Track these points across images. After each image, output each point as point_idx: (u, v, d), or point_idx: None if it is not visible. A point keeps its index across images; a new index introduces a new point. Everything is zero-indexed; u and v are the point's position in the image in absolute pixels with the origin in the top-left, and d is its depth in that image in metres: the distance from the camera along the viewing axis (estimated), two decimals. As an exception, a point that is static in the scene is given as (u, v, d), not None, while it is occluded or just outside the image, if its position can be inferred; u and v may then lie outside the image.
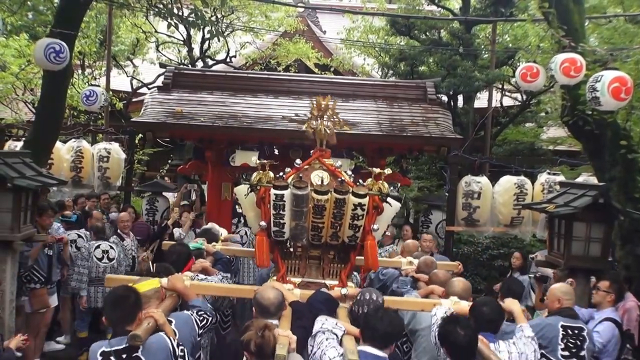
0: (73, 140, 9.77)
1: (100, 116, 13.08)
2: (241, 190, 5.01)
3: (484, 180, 9.27)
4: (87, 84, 11.86)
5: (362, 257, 4.91)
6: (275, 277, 4.92)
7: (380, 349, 3.48)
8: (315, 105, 4.92)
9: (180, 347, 3.58)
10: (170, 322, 3.72)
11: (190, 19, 7.78)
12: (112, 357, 3.36)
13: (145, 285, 3.86)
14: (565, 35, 6.28)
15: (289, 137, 8.86)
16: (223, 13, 14.32)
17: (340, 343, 3.59)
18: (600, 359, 4.98)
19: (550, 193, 8.28)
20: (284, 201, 4.46)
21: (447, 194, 10.09)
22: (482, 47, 14.03)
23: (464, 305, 4.25)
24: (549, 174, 9.16)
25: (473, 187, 9.17)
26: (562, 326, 4.54)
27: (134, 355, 3.39)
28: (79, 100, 10.48)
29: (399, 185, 11.49)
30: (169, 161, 15.65)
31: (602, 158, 6.67)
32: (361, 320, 3.78)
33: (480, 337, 3.63)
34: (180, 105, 9.05)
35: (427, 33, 13.64)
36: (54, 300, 7.17)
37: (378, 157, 9.75)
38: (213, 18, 12.91)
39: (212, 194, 9.97)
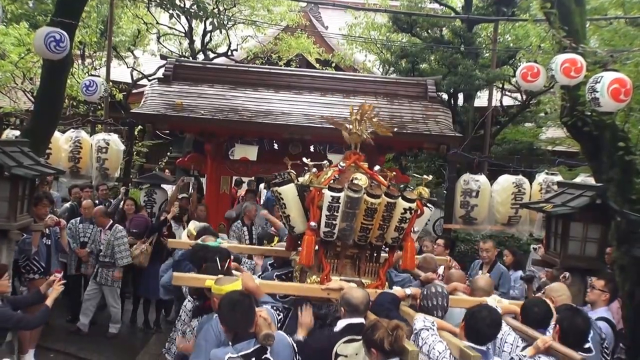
0: (72, 130, 9.75)
1: (99, 107, 13.06)
2: (288, 190, 4.89)
3: (482, 178, 9.28)
4: (87, 74, 11.83)
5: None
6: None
7: (482, 345, 3.67)
8: (356, 110, 5.00)
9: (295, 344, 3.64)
10: None
11: (192, 10, 7.77)
12: None
13: (233, 287, 3.84)
14: (566, 36, 6.28)
15: (288, 131, 8.85)
16: (225, 6, 14.32)
17: None
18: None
19: (548, 193, 8.30)
20: (339, 203, 4.49)
21: (445, 191, 10.09)
22: (484, 46, 14.03)
23: (506, 303, 4.56)
24: (547, 174, 9.18)
25: (471, 186, 9.19)
26: None
27: (263, 357, 3.42)
28: (78, 90, 10.48)
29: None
30: (168, 153, 15.65)
31: (600, 159, 6.66)
32: (435, 313, 4.17)
33: (549, 337, 3.88)
34: (181, 97, 9.04)
35: (429, 31, 13.64)
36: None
37: (377, 153, 9.75)
38: (215, 10, 12.92)
39: (211, 187, 9.98)
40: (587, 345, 4.48)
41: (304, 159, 4.94)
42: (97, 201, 9.28)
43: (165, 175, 11.61)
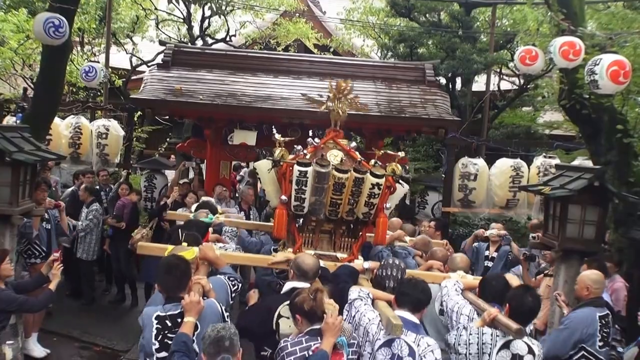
0: (72, 116, 9.76)
1: (99, 93, 13.06)
2: (262, 165, 5.21)
3: (480, 162, 9.33)
4: (86, 60, 11.82)
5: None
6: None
7: (413, 314, 3.78)
8: (334, 87, 5.09)
9: (227, 313, 3.82)
10: None
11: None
12: (167, 321, 3.57)
13: (186, 254, 4.01)
14: (565, 19, 6.30)
15: (287, 116, 8.87)
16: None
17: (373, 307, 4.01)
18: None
19: (546, 176, 8.33)
20: (307, 177, 4.68)
21: (443, 175, 10.14)
22: (482, 30, 14.01)
23: (470, 279, 4.74)
24: (545, 157, 9.21)
25: (470, 169, 9.23)
26: (599, 317, 4.69)
27: None
28: (78, 76, 10.49)
29: (407, 166, 11.56)
30: (168, 139, 15.66)
31: (598, 142, 6.71)
32: (387, 282, 4.32)
33: (495, 309, 3.96)
34: (180, 82, 9.03)
35: (427, 15, 13.63)
36: (53, 275, 7.23)
37: (376, 138, 9.80)
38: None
39: (211, 172, 10.01)
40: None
41: (275, 134, 5.11)
42: (97, 187, 9.34)
43: (165, 161, 11.66)
